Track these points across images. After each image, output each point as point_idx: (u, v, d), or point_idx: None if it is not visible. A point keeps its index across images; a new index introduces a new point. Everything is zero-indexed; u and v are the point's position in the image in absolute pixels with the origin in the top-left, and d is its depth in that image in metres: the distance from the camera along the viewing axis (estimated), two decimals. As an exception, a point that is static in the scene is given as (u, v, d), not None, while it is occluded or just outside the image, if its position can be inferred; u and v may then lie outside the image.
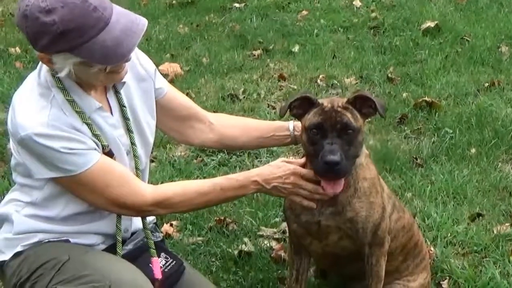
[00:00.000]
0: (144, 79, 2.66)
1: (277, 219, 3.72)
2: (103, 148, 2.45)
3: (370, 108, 2.61)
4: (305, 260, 2.88)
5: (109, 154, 2.47)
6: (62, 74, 2.33)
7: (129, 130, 2.58)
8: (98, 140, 2.44)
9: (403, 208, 2.94)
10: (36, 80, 2.44)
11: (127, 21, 2.31)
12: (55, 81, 2.40)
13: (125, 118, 2.58)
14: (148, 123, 2.68)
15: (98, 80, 2.43)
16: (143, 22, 2.34)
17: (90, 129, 2.42)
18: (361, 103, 2.61)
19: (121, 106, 2.57)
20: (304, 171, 2.59)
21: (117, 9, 2.33)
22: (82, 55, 2.27)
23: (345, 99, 2.62)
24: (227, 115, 3.19)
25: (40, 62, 2.46)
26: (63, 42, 2.24)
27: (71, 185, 2.43)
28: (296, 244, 2.85)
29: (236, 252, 3.45)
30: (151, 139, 2.72)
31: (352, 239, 2.71)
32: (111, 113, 2.54)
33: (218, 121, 2.94)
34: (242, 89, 5.46)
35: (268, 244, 3.52)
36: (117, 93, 2.56)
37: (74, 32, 2.23)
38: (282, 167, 2.59)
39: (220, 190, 2.56)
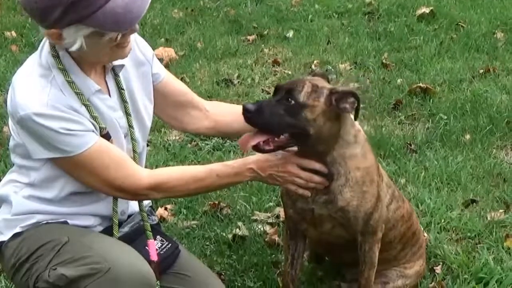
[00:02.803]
0: (142, 63, 2.66)
1: (271, 204, 3.73)
2: (100, 130, 2.45)
3: (346, 104, 2.53)
4: (300, 245, 2.88)
5: (107, 136, 2.47)
6: (74, 48, 2.32)
7: (127, 113, 2.58)
8: (96, 122, 2.44)
9: (402, 197, 2.93)
10: (37, 61, 2.44)
11: None
12: (56, 62, 2.40)
13: (123, 101, 2.57)
14: (145, 106, 2.68)
15: (105, 56, 2.42)
16: None
17: (88, 111, 2.42)
18: (341, 98, 2.53)
19: (120, 89, 2.57)
20: (299, 160, 2.59)
21: None
22: (93, 24, 2.27)
23: (332, 86, 2.58)
24: (222, 103, 3.18)
25: (42, 43, 2.45)
26: (74, 12, 2.24)
27: (68, 166, 2.43)
28: (292, 229, 2.86)
29: (230, 236, 3.45)
30: (149, 123, 2.72)
31: (345, 228, 2.72)
32: (109, 95, 2.53)
33: (213, 108, 2.94)
34: (237, 74, 5.45)
35: (262, 229, 3.52)
36: (116, 76, 2.56)
37: (84, 2, 2.23)
38: (278, 156, 2.58)
39: (216, 176, 2.56)
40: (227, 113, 2.92)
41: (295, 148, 2.65)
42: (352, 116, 2.62)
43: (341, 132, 2.58)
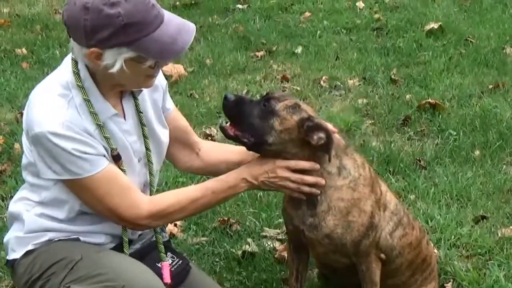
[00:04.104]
0: (157, 89, 2.68)
1: (280, 220, 3.71)
2: (111, 151, 2.46)
3: (314, 135, 2.55)
4: (303, 259, 2.91)
5: (117, 157, 2.48)
6: (114, 70, 2.34)
7: (144, 136, 2.60)
8: (108, 143, 2.45)
9: (412, 225, 2.89)
10: (57, 79, 2.46)
11: (178, 20, 2.41)
12: (76, 79, 2.41)
13: (142, 123, 2.59)
14: (160, 130, 2.70)
15: (135, 82, 2.46)
16: (192, 24, 2.43)
17: (101, 131, 2.43)
18: (313, 128, 2.56)
19: (139, 112, 2.59)
20: (287, 162, 2.59)
21: (166, 11, 2.41)
22: (138, 49, 2.32)
23: (313, 115, 2.62)
24: (218, 144, 3.16)
25: (64, 61, 2.48)
26: (124, 35, 2.28)
27: (74, 187, 2.45)
28: (294, 243, 2.88)
29: (239, 253, 3.45)
30: (165, 147, 2.73)
31: (338, 252, 2.73)
32: (125, 118, 2.55)
33: (207, 149, 2.94)
34: (246, 90, 5.46)
35: (271, 245, 3.52)
36: (135, 99, 2.58)
37: (136, 26, 2.28)
38: (268, 162, 2.59)
39: (211, 193, 2.58)
40: (217, 154, 2.91)
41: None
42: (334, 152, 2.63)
43: (321, 160, 2.61)
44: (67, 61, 2.47)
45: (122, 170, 2.50)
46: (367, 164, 2.77)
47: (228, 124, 2.60)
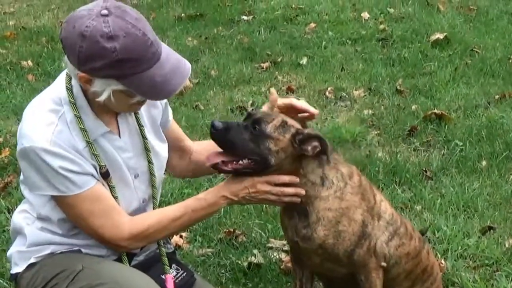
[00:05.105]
0: (155, 105, 2.68)
1: (286, 231, 3.71)
2: (100, 168, 2.45)
3: (308, 146, 2.57)
4: (306, 270, 2.89)
5: (105, 174, 2.47)
6: (101, 98, 2.32)
7: (146, 149, 2.60)
8: (97, 160, 2.44)
9: (410, 235, 2.86)
10: (50, 95, 2.45)
11: (175, 60, 2.36)
12: (68, 95, 2.40)
13: (143, 137, 2.59)
14: (157, 144, 2.69)
15: (124, 109, 2.46)
16: (188, 65, 2.40)
17: (90, 148, 2.42)
18: (304, 140, 2.58)
19: (140, 126, 2.58)
20: (268, 177, 2.58)
21: (165, 47, 2.37)
22: (128, 85, 2.29)
23: (300, 127, 2.62)
24: (204, 142, 3.11)
25: (58, 77, 2.48)
26: (116, 69, 2.25)
27: (59, 203, 2.45)
28: (295, 253, 2.87)
29: (245, 264, 3.44)
30: (164, 159, 2.72)
31: (334, 262, 2.72)
32: (119, 135, 2.54)
33: (196, 150, 2.93)
34: (251, 101, 5.46)
35: (277, 256, 3.51)
36: (135, 113, 2.58)
37: (130, 62, 2.24)
38: (247, 178, 2.59)
39: (191, 212, 2.58)
40: (204, 152, 2.88)
41: None
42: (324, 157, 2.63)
43: (304, 171, 2.62)
44: (62, 77, 2.47)
45: (111, 186, 2.49)
46: (356, 173, 2.75)
47: (220, 161, 2.56)
